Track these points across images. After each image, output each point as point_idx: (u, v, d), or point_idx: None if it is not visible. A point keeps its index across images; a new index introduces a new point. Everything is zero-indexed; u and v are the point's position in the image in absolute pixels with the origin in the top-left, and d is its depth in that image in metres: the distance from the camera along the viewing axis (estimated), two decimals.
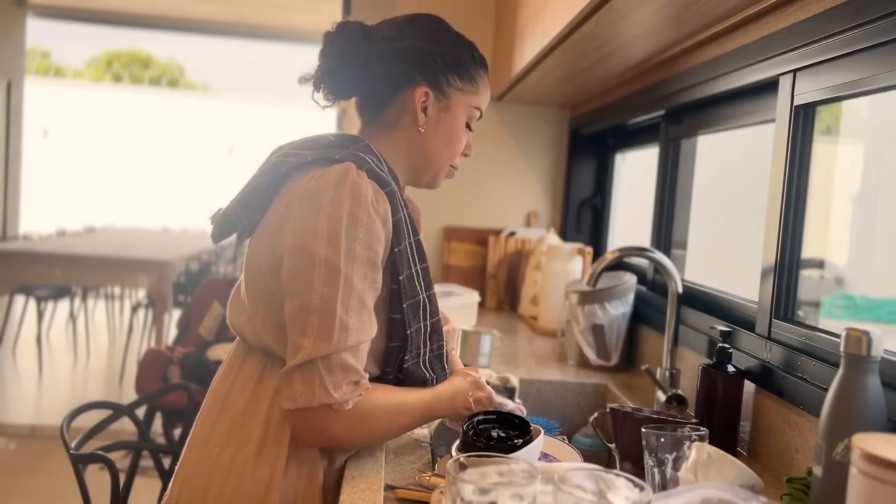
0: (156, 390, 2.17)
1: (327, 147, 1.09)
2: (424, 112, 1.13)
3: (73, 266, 4.80)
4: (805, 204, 1.33)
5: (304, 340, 0.97)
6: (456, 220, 2.90)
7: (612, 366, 1.91)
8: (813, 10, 1.22)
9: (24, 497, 3.21)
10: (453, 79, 1.14)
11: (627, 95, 2.20)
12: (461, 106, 1.16)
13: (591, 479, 0.75)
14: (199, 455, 1.09)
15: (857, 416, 0.84)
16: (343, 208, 0.99)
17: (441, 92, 1.14)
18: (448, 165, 1.20)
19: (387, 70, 1.12)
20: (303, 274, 0.99)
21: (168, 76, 14.44)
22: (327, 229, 0.98)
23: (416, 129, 1.14)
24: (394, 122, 1.14)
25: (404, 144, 1.15)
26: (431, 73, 1.12)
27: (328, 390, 0.97)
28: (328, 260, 0.98)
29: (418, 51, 1.12)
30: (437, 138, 1.16)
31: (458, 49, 1.15)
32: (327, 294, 0.97)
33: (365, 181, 1.01)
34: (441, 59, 1.13)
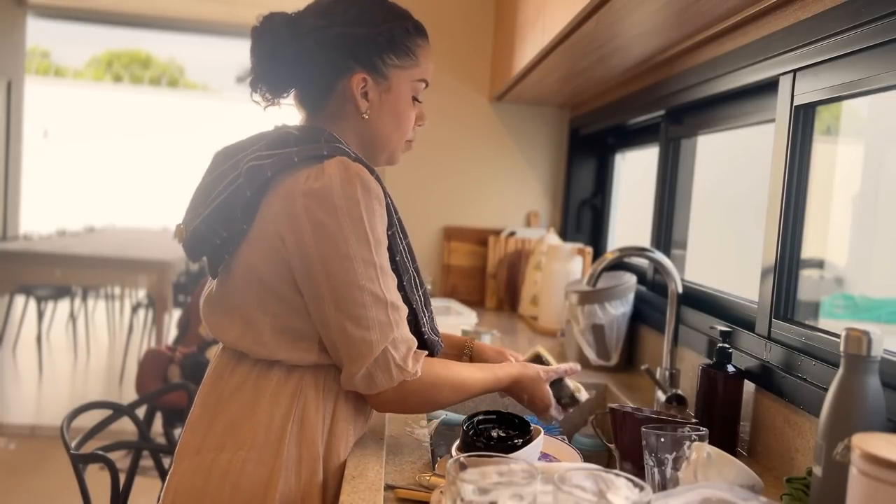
0: (156, 390, 2.17)
1: (302, 143, 1.06)
2: (366, 98, 1.11)
3: (73, 266, 4.80)
4: (805, 204, 1.33)
5: (371, 334, 1.01)
6: (456, 220, 2.90)
7: (612, 366, 1.91)
8: (813, 10, 1.22)
9: (24, 497, 3.21)
10: (389, 58, 1.11)
11: (627, 95, 2.20)
12: (403, 83, 1.13)
13: (591, 479, 0.75)
14: (192, 462, 1.08)
15: (857, 416, 0.84)
16: (360, 206, 1.01)
17: (380, 74, 1.11)
18: (403, 141, 1.18)
19: (320, 62, 1.09)
20: (346, 278, 1.01)
21: (168, 76, 14.44)
22: (354, 231, 1.00)
23: (361, 116, 1.12)
24: (338, 113, 1.13)
25: (353, 132, 1.14)
26: (366, 57, 1.09)
27: (402, 368, 1.03)
28: (364, 259, 1.01)
29: (349, 37, 1.08)
30: (385, 120, 1.14)
31: (389, 25, 1.11)
32: (373, 288, 1.02)
33: (362, 171, 1.02)
34: (374, 40, 1.09)
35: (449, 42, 2.81)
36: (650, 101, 2.02)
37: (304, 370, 1.08)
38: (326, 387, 1.09)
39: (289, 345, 1.06)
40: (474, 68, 2.85)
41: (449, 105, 2.84)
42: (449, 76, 2.83)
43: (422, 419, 1.39)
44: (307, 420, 1.07)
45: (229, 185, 1.07)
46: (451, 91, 2.84)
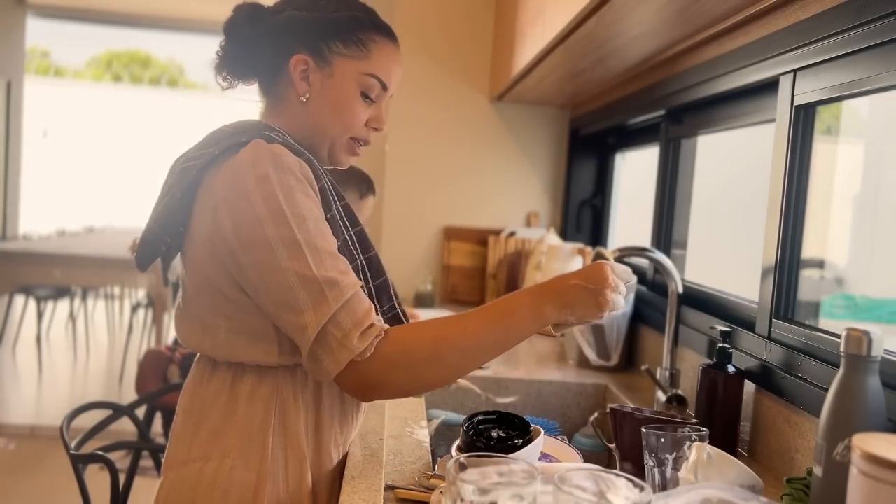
0: (156, 390, 2.17)
1: (231, 135, 1.04)
2: (307, 81, 1.09)
3: (73, 266, 4.80)
4: (805, 204, 1.33)
5: (305, 317, 0.95)
6: (456, 220, 2.90)
7: (612, 366, 1.91)
8: (813, 10, 1.22)
9: (24, 497, 3.21)
10: (335, 44, 1.08)
11: (627, 95, 2.20)
12: (348, 73, 1.09)
13: (591, 480, 0.75)
14: (178, 474, 1.06)
15: (857, 416, 0.84)
16: (272, 183, 0.96)
17: (322, 58, 1.08)
18: (345, 138, 1.12)
19: (269, 45, 1.09)
20: (267, 263, 0.96)
21: (168, 76, 14.44)
22: (267, 210, 0.95)
23: (299, 99, 1.09)
24: (282, 97, 1.11)
25: (293, 117, 1.11)
26: (310, 40, 1.08)
27: (344, 346, 0.94)
28: (283, 237, 0.95)
29: (295, 19, 1.09)
30: (323, 107, 1.10)
31: (340, 13, 1.09)
32: (299, 267, 0.95)
33: (280, 149, 0.99)
34: (320, 24, 1.08)
35: (449, 42, 2.81)
36: (650, 101, 2.02)
37: (276, 371, 1.05)
38: (304, 386, 1.07)
39: (247, 346, 1.03)
40: (474, 68, 2.85)
41: (449, 105, 2.84)
42: (449, 76, 2.83)
43: (422, 419, 1.39)
44: (289, 422, 1.05)
45: (168, 190, 1.06)
46: (451, 91, 2.84)
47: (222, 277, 1.01)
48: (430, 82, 2.82)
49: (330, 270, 0.96)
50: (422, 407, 1.47)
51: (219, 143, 1.03)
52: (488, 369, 1.84)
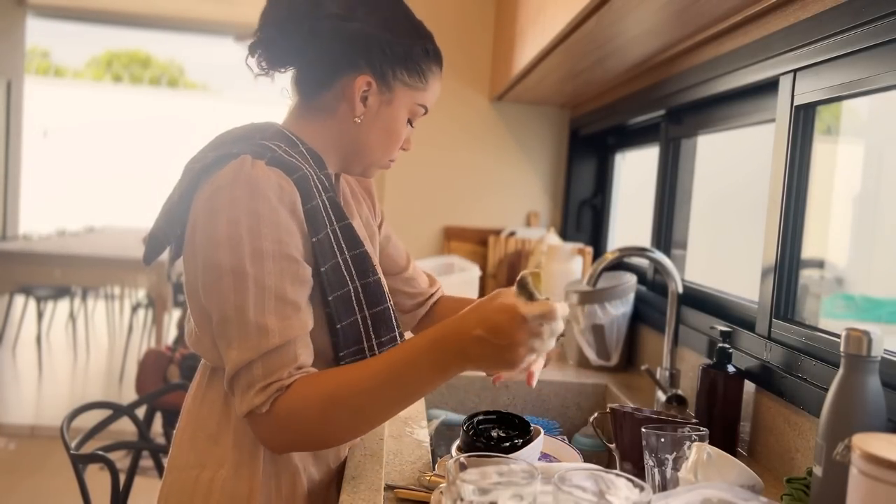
0: (156, 390, 2.17)
1: (230, 142, 1.01)
2: (364, 102, 1.04)
3: (73, 266, 4.80)
4: (805, 204, 1.33)
5: (230, 352, 0.93)
6: (456, 220, 2.90)
7: (612, 366, 1.91)
8: (813, 10, 1.22)
9: (24, 497, 3.21)
10: (400, 72, 1.05)
11: (627, 95, 2.20)
12: (405, 101, 1.07)
13: (591, 480, 0.75)
14: (178, 478, 1.07)
15: (857, 416, 0.84)
16: (240, 208, 0.92)
17: (385, 83, 1.05)
18: (385, 159, 1.11)
19: (329, 50, 1.02)
20: (214, 287, 0.94)
21: (168, 76, 14.43)
22: (227, 234, 0.92)
23: (353, 118, 1.05)
24: (329, 108, 1.06)
25: (337, 132, 1.07)
26: (377, 62, 1.03)
27: (245, 397, 0.93)
28: (234, 267, 0.92)
29: (366, 37, 1.02)
30: (374, 131, 1.07)
31: (411, 40, 1.05)
32: (239, 301, 0.92)
33: (262, 171, 0.94)
34: (390, 49, 1.03)
35: (449, 42, 2.80)
36: (650, 101, 2.02)
37: None
38: None
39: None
40: (474, 68, 2.85)
41: (449, 105, 2.84)
42: (449, 76, 2.83)
43: (422, 419, 1.39)
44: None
45: (174, 188, 1.05)
46: (451, 91, 2.84)
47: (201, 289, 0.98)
48: None
49: (268, 315, 0.92)
50: (422, 407, 1.47)
51: (217, 148, 1.02)
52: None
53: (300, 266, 0.96)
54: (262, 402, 0.92)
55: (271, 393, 0.92)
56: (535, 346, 0.87)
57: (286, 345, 0.93)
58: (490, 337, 0.85)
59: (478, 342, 0.86)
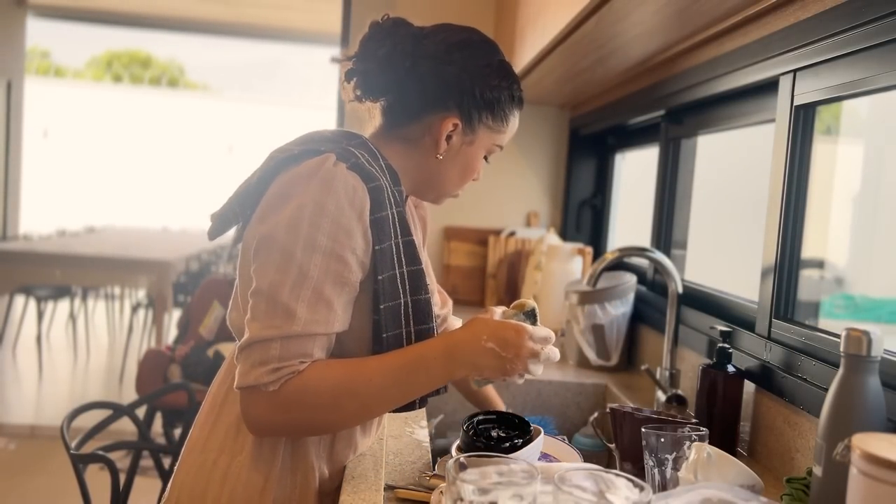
0: (156, 390, 2.17)
1: (319, 141, 1.06)
2: (448, 141, 1.10)
3: (73, 266, 4.80)
4: (805, 204, 1.33)
5: (252, 324, 0.96)
6: (456, 220, 2.90)
7: (612, 366, 1.92)
8: (813, 10, 1.22)
9: (24, 497, 3.21)
10: (486, 116, 1.10)
11: (627, 95, 2.20)
12: (485, 143, 1.13)
13: (591, 479, 0.75)
14: (196, 460, 1.09)
15: (857, 416, 0.84)
16: (309, 196, 0.96)
17: (470, 126, 1.10)
18: (455, 191, 1.18)
19: (425, 88, 1.08)
20: (262, 259, 0.97)
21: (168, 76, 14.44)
22: (290, 216, 0.96)
23: (435, 153, 1.10)
24: (414, 139, 1.11)
25: (417, 162, 1.12)
26: (467, 106, 1.08)
27: (254, 371, 0.94)
28: (284, 246, 0.96)
29: (462, 81, 1.07)
30: (453, 168, 1.13)
31: (500, 89, 1.10)
32: (277, 280, 0.95)
33: (342, 172, 0.98)
34: (481, 95, 1.09)
35: None
36: (650, 101, 2.02)
37: None
38: None
39: None
40: None
41: None
42: None
43: (422, 419, 1.40)
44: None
45: (252, 174, 1.09)
46: None
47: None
48: None
49: (300, 302, 0.95)
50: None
51: (305, 143, 1.05)
52: None
53: (347, 269, 0.98)
54: (272, 382, 0.94)
55: (283, 375, 0.95)
56: (531, 367, 1.00)
57: (307, 336, 0.96)
58: (500, 350, 0.98)
59: (488, 353, 0.98)
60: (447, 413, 1.77)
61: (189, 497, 1.07)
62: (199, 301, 3.34)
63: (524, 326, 1.00)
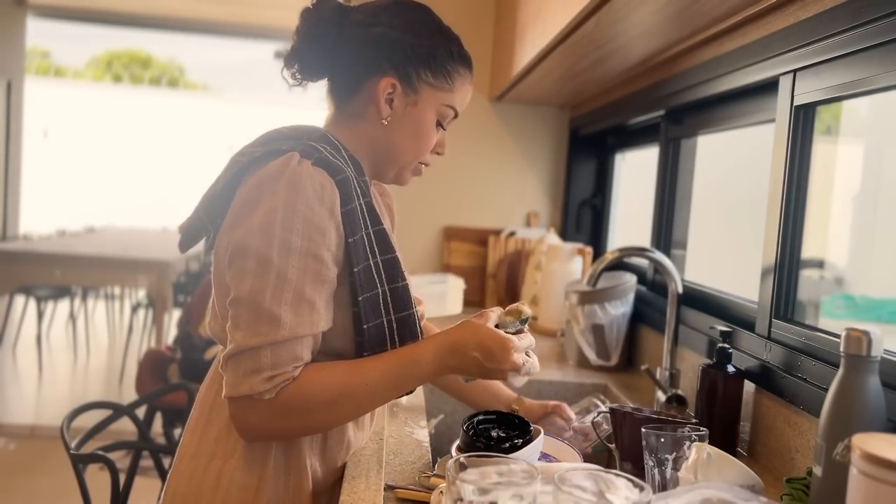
0: (156, 390, 2.17)
1: (279, 140, 1.05)
2: (390, 104, 1.08)
3: (73, 266, 4.80)
4: (805, 204, 1.33)
5: (236, 333, 0.95)
6: (456, 220, 2.90)
7: (612, 366, 1.91)
8: (813, 10, 1.22)
9: (24, 497, 3.21)
10: (425, 73, 1.08)
11: (627, 95, 2.20)
12: (431, 102, 1.10)
13: (591, 480, 0.75)
14: (188, 467, 1.08)
15: (857, 416, 0.84)
16: (279, 199, 0.95)
17: (410, 85, 1.08)
18: (415, 162, 1.15)
19: (355, 55, 1.07)
20: (238, 267, 0.97)
21: (168, 76, 14.44)
22: (261, 221, 0.95)
23: (380, 121, 1.09)
24: (359, 112, 1.10)
25: (367, 136, 1.10)
26: (401, 64, 1.07)
27: (248, 381, 0.94)
28: (259, 252, 0.95)
29: (390, 39, 1.06)
30: (402, 133, 1.10)
31: (434, 42, 1.09)
32: (257, 287, 0.95)
33: (307, 170, 0.97)
34: (413, 50, 1.07)
35: None
36: (650, 101, 2.02)
37: None
38: None
39: None
40: (474, 68, 2.84)
41: None
42: None
43: (422, 419, 1.39)
44: None
45: (216, 181, 1.08)
46: None
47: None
48: None
49: (283, 307, 0.95)
50: (422, 407, 1.47)
51: (266, 144, 1.05)
52: None
53: (325, 267, 0.98)
54: (268, 390, 0.95)
55: (279, 382, 0.95)
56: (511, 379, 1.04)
57: (294, 340, 0.96)
58: (484, 360, 1.01)
59: (473, 361, 1.02)
60: (447, 413, 1.77)
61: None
62: (198, 301, 3.35)
63: (510, 340, 1.01)
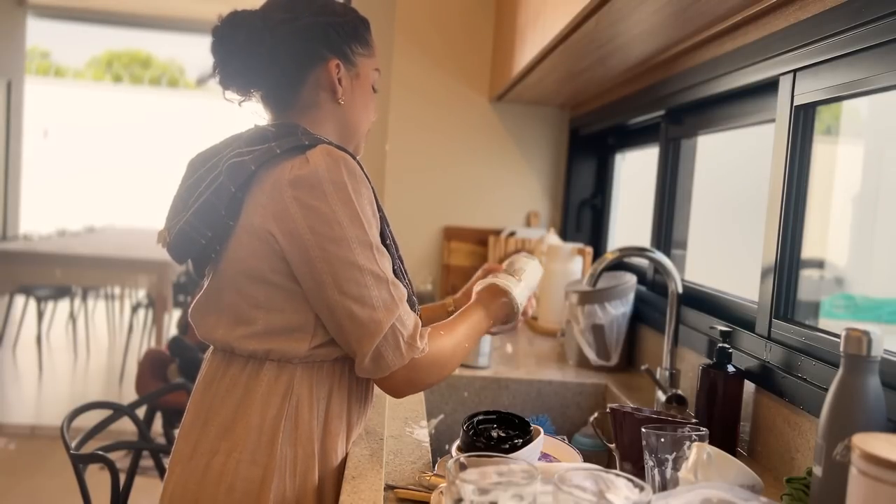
0: (156, 390, 2.17)
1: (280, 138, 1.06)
2: (339, 83, 1.14)
3: (73, 266, 4.80)
4: (805, 204, 1.33)
5: (377, 313, 1.02)
6: (456, 220, 2.90)
7: (612, 366, 1.91)
8: (813, 10, 1.22)
9: (24, 497, 3.21)
10: (355, 46, 1.15)
11: (627, 95, 2.20)
12: (366, 70, 1.18)
13: (591, 480, 0.75)
14: (185, 469, 1.07)
15: (857, 416, 0.84)
16: (348, 189, 1.01)
17: (349, 61, 1.15)
18: (366, 129, 1.22)
19: (294, 52, 1.11)
20: (345, 260, 1.01)
21: (168, 76, 14.43)
22: (346, 213, 1.01)
23: (336, 102, 1.14)
24: (312, 102, 1.14)
25: (329, 120, 1.16)
26: (337, 45, 1.13)
27: (412, 345, 1.04)
28: (359, 238, 1.01)
29: (319, 26, 1.11)
30: (356, 106, 1.18)
31: (350, 16, 1.16)
32: (373, 267, 1.02)
33: (348, 157, 1.04)
34: (342, 29, 1.13)
35: (449, 42, 2.81)
36: (650, 101, 2.02)
37: (294, 368, 1.07)
38: (319, 384, 1.08)
39: (283, 336, 1.05)
40: (474, 68, 2.85)
41: (449, 105, 2.84)
42: (449, 76, 2.83)
43: (422, 419, 1.40)
44: (301, 419, 1.07)
45: (210, 184, 1.07)
46: (451, 91, 2.84)
47: (273, 270, 1.04)
48: (429, 83, 2.82)
49: (389, 273, 1.05)
50: (422, 407, 1.47)
51: (276, 141, 1.05)
52: (488, 369, 1.84)
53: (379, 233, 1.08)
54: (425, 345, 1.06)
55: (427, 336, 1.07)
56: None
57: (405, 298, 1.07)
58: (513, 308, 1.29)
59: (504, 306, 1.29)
60: (447, 413, 1.77)
61: (180, 502, 1.06)
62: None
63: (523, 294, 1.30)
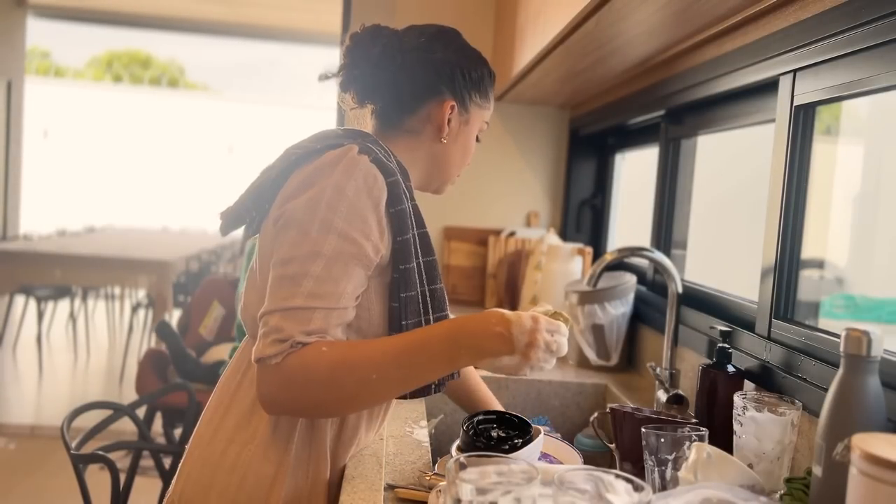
0: (156, 390, 2.17)
1: (336, 137, 1.10)
2: (448, 124, 1.17)
3: (73, 266, 4.80)
4: (805, 204, 1.33)
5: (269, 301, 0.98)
6: (456, 220, 2.90)
7: (612, 366, 1.92)
8: (813, 10, 1.22)
9: (24, 497, 3.21)
10: (475, 94, 1.19)
11: (627, 95, 2.20)
12: (477, 121, 1.21)
13: (591, 480, 0.75)
14: (203, 453, 1.09)
15: (857, 416, 0.84)
16: (331, 181, 1.00)
17: (464, 106, 1.18)
18: (457, 174, 1.25)
19: (417, 80, 1.15)
20: (280, 237, 1.01)
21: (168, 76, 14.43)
22: (310, 197, 1.00)
23: (439, 139, 1.17)
24: (416, 130, 1.17)
25: (423, 151, 1.19)
26: (458, 88, 1.17)
27: (261, 343, 0.95)
28: (301, 224, 0.99)
29: (449, 65, 1.16)
30: (455, 149, 1.20)
31: (480, 66, 1.21)
32: (288, 256, 0.98)
33: (364, 162, 1.02)
34: (468, 75, 1.18)
35: None
36: (650, 101, 2.02)
37: None
38: None
39: None
40: None
41: None
42: None
43: (422, 419, 1.40)
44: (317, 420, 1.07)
45: (267, 170, 1.11)
46: None
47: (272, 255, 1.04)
48: None
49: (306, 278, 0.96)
50: (422, 407, 1.47)
51: (323, 140, 1.08)
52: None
53: (360, 252, 1.00)
54: (274, 354, 0.94)
55: (284, 348, 0.94)
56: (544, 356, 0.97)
57: (308, 310, 0.96)
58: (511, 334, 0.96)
59: (496, 338, 0.96)
60: (447, 413, 1.77)
61: (194, 488, 1.07)
62: (199, 301, 3.35)
63: (540, 316, 0.98)
